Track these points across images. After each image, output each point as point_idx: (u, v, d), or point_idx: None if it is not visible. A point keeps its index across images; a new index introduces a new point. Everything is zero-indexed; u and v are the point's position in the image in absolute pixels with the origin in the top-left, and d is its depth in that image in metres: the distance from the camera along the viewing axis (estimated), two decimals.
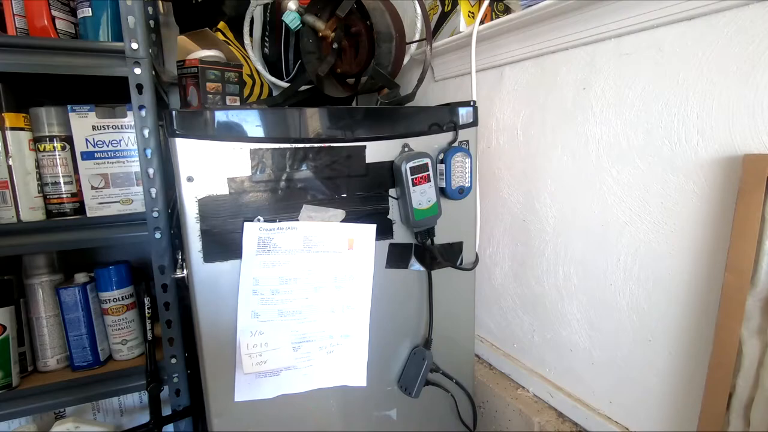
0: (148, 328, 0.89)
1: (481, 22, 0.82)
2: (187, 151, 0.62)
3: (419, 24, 0.95)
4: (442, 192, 0.77)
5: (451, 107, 0.78)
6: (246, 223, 0.65)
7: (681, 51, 0.57)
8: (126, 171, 0.87)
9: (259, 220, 0.66)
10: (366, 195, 0.73)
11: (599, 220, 0.70)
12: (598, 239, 0.71)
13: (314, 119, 0.68)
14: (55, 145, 0.83)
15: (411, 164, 0.71)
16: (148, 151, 0.80)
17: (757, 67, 0.50)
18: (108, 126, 0.85)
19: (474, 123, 0.80)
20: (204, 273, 0.65)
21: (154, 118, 0.80)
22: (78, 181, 0.85)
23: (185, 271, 0.67)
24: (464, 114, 0.79)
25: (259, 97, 1.12)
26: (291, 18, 0.87)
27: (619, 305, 0.69)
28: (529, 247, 0.85)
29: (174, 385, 0.91)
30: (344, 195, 0.71)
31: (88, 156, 0.84)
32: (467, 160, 0.77)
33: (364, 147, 0.72)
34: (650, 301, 0.65)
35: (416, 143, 0.75)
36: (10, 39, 0.74)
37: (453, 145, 0.77)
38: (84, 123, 0.83)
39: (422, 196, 0.73)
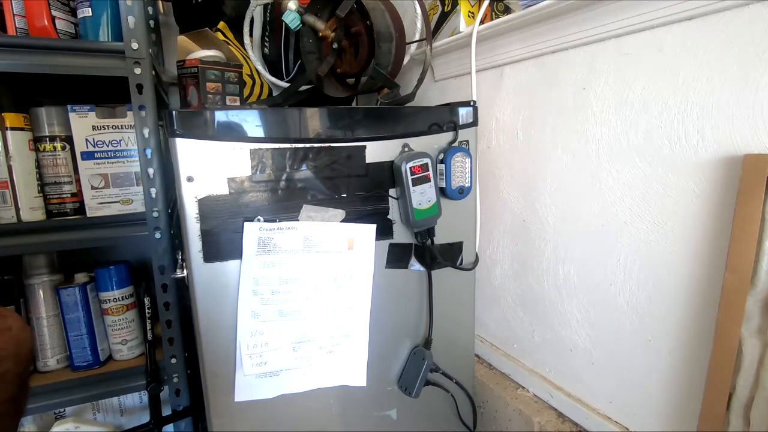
0: (148, 328, 0.90)
1: (481, 22, 0.82)
2: (187, 151, 0.61)
3: (419, 24, 0.95)
4: (442, 192, 0.77)
5: (451, 107, 0.78)
6: (246, 223, 0.65)
7: (681, 51, 0.57)
8: (126, 171, 0.87)
9: (259, 220, 0.66)
10: (366, 195, 0.73)
11: (599, 220, 0.70)
12: (598, 239, 0.71)
13: (314, 119, 0.68)
14: (55, 145, 0.83)
15: (411, 164, 0.71)
16: (148, 151, 0.80)
17: (757, 67, 0.50)
18: (108, 126, 0.85)
19: (474, 123, 0.80)
20: (204, 273, 0.65)
21: (154, 118, 0.80)
22: (78, 181, 0.85)
23: (185, 271, 0.67)
24: (464, 114, 0.79)
25: (259, 97, 1.12)
26: (291, 18, 0.87)
27: (618, 305, 0.69)
28: (529, 247, 0.85)
29: (174, 385, 0.91)
30: (344, 195, 0.71)
31: (88, 156, 0.84)
32: (467, 160, 0.76)
33: (364, 147, 0.71)
34: (650, 301, 0.65)
35: (416, 143, 0.75)
36: (10, 39, 0.75)
37: (453, 145, 0.77)
38: (84, 123, 0.83)
39: (422, 196, 0.73)
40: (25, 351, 0.47)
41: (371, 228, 0.73)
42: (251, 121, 0.64)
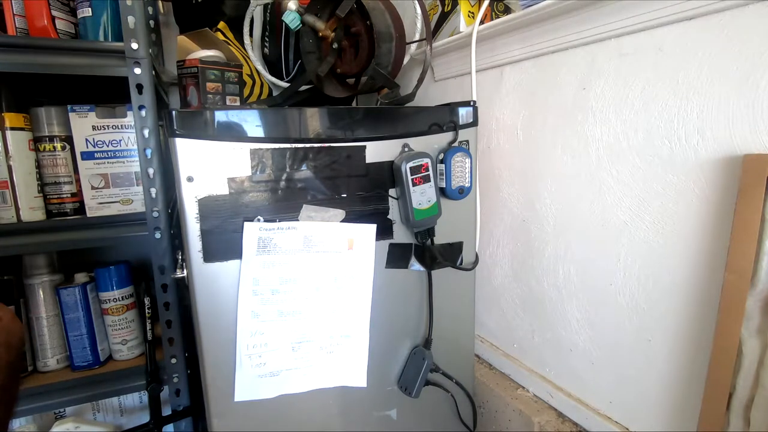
0: (148, 328, 0.90)
1: (481, 22, 0.82)
2: (187, 151, 0.62)
3: (419, 24, 0.95)
4: (442, 192, 0.77)
5: (451, 107, 0.78)
6: (246, 223, 0.65)
7: (681, 51, 0.57)
8: (126, 171, 0.87)
9: (259, 220, 0.66)
10: (366, 195, 0.73)
11: (599, 220, 0.70)
12: (598, 239, 0.71)
13: (314, 119, 0.68)
14: (55, 145, 0.83)
15: (411, 164, 0.71)
16: (148, 151, 0.80)
17: (757, 67, 0.50)
18: (108, 126, 0.85)
19: (474, 123, 0.80)
20: (204, 273, 0.65)
21: (154, 118, 0.80)
22: (78, 181, 0.85)
23: (185, 271, 0.67)
24: (464, 114, 0.79)
25: (259, 97, 1.12)
26: (291, 18, 0.87)
27: (619, 305, 0.69)
28: (529, 247, 0.85)
29: (174, 385, 0.91)
30: (344, 195, 0.71)
31: (88, 156, 0.84)
32: (467, 160, 0.76)
33: (364, 147, 0.71)
34: (650, 301, 0.65)
35: (416, 143, 0.75)
36: (10, 39, 0.75)
37: (453, 145, 0.77)
38: (84, 123, 0.83)
39: (422, 196, 0.73)
40: (16, 341, 0.48)
41: (371, 228, 0.73)
42: (251, 121, 0.64)
